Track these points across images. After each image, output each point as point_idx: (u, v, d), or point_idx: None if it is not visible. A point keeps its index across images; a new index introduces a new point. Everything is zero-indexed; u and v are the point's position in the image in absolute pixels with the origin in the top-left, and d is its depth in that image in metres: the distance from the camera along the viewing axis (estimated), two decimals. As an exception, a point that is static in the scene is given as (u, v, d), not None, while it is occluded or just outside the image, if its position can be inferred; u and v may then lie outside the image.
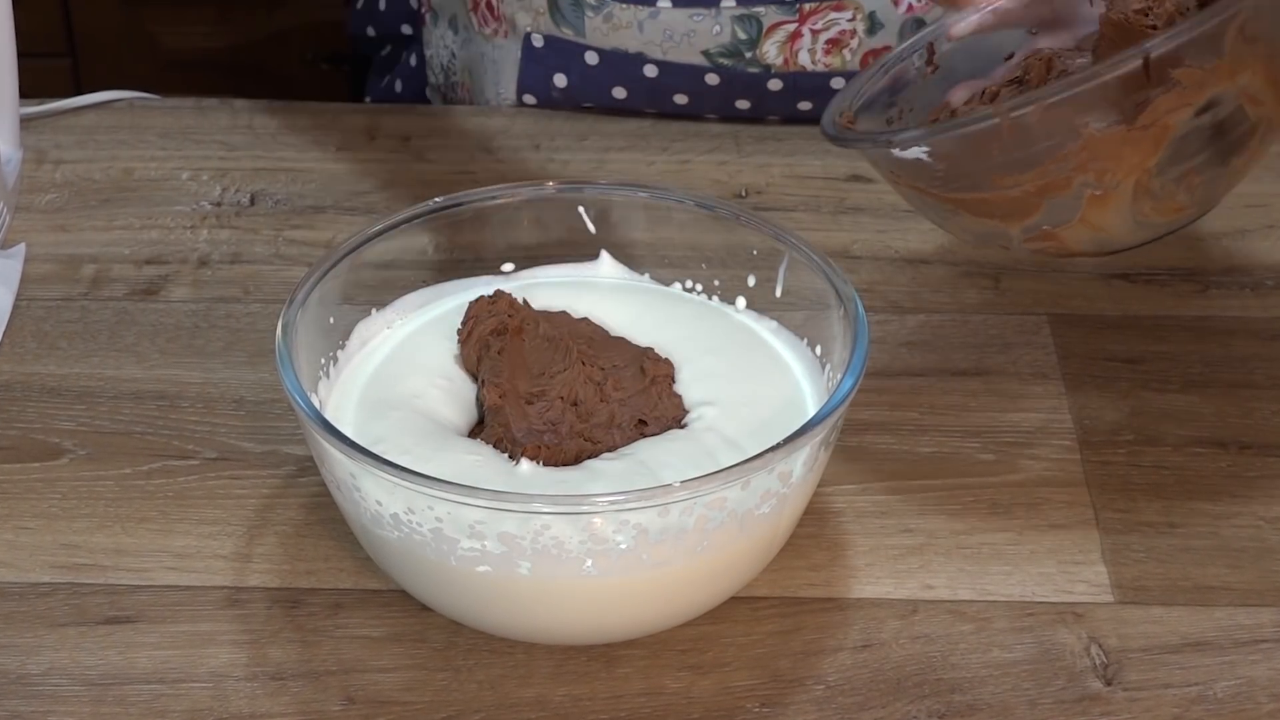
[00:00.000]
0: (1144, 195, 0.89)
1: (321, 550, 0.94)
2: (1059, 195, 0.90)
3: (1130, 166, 0.88)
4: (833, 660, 0.89)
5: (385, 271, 0.97)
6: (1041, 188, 0.90)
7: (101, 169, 1.23)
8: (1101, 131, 0.87)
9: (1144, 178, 0.89)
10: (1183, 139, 0.88)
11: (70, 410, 1.03)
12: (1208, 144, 0.89)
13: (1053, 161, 0.88)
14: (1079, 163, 0.88)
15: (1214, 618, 0.91)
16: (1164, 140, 0.87)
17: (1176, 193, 0.90)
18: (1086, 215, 0.90)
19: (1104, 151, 0.88)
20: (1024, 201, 0.90)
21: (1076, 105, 0.87)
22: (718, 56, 1.26)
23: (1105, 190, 0.89)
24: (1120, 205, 0.90)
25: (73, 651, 0.89)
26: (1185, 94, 0.86)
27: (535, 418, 0.89)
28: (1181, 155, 0.89)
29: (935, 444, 1.01)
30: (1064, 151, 0.88)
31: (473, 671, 0.88)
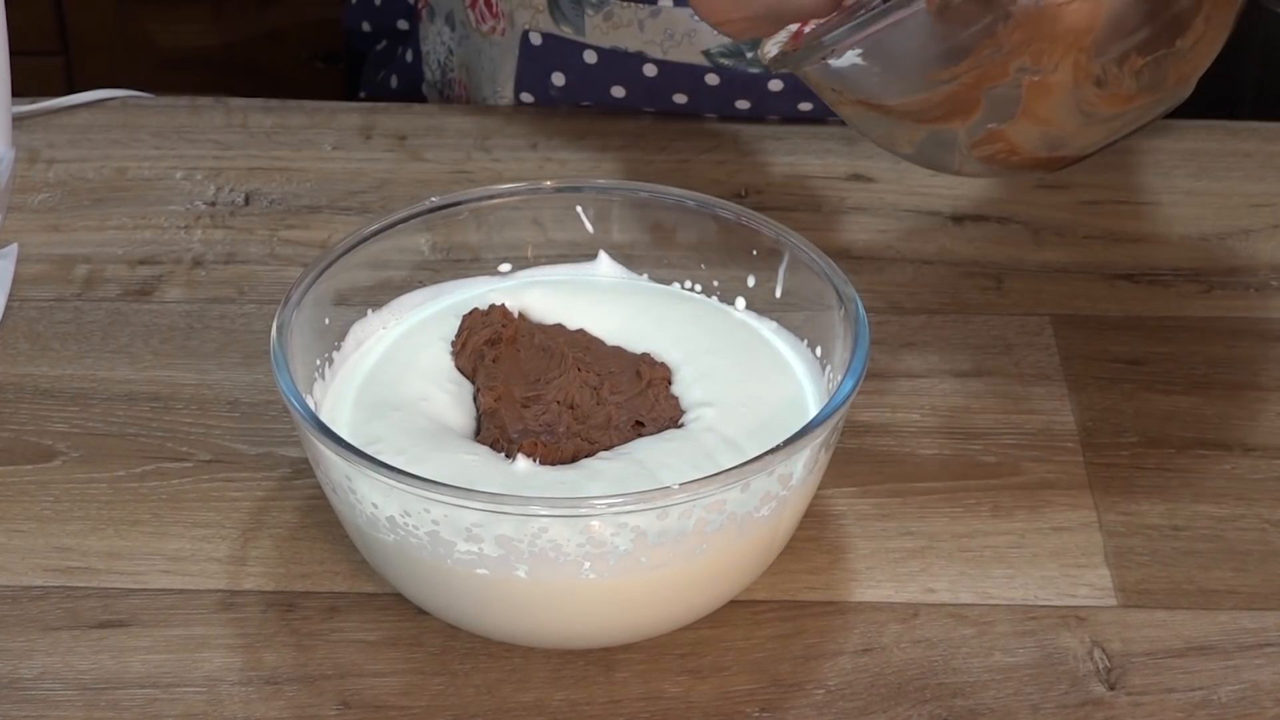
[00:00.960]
0: (1085, 80, 0.87)
1: (317, 553, 0.94)
2: (997, 84, 0.87)
3: (1066, 45, 0.86)
4: (833, 664, 0.89)
5: (381, 272, 0.97)
6: (978, 77, 0.87)
7: (94, 168, 1.23)
8: (1032, 7, 0.85)
9: (1082, 58, 0.86)
10: (1118, 11, 0.85)
11: (63, 412, 1.03)
12: (1146, 20, 0.86)
13: (985, 46, 0.86)
14: (1012, 44, 0.86)
15: (1218, 621, 0.91)
16: (1099, 13, 0.85)
17: (1121, 77, 0.88)
18: (1029, 106, 0.88)
19: (1037, 30, 0.85)
20: (963, 96, 0.88)
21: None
22: (718, 56, 1.26)
23: (1044, 74, 0.87)
24: (1062, 91, 0.87)
25: (65, 655, 0.89)
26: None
27: (531, 420, 0.90)
28: (1120, 30, 0.86)
29: (937, 446, 1.01)
30: (995, 33, 0.85)
31: (470, 675, 0.88)
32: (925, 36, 0.87)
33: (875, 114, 0.92)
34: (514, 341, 0.94)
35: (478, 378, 0.93)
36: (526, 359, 0.94)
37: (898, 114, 0.92)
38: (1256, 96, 1.75)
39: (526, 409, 0.90)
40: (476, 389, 0.92)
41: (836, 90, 0.93)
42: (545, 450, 0.88)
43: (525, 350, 0.94)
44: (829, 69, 0.91)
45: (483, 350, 0.94)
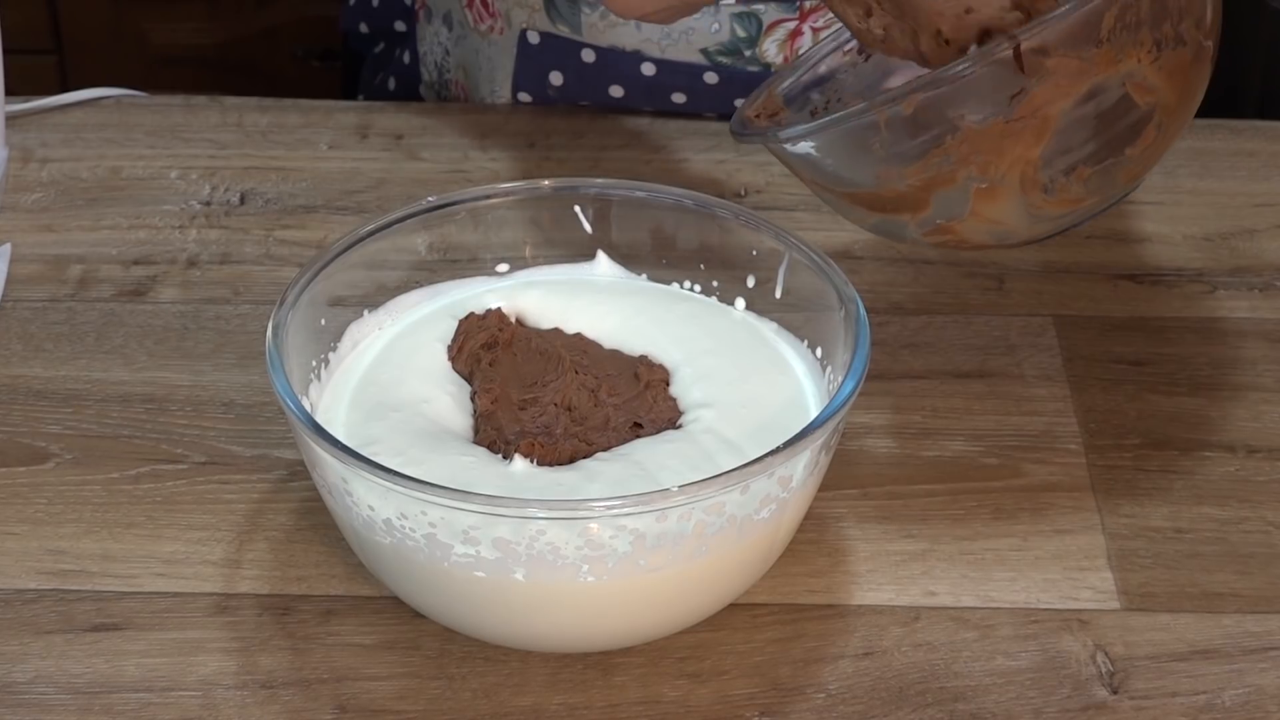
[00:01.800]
0: (1033, 188, 0.88)
1: (312, 556, 0.94)
2: (945, 189, 0.89)
3: (1013, 159, 0.87)
4: (834, 668, 0.89)
5: (378, 272, 0.97)
6: (927, 182, 0.89)
7: (88, 168, 1.23)
8: (979, 124, 0.86)
9: (1029, 170, 0.87)
10: (1066, 130, 0.86)
11: (56, 413, 1.03)
12: (1095, 134, 0.88)
13: (934, 155, 0.87)
14: (960, 156, 0.87)
15: (1222, 625, 0.91)
16: (1045, 132, 0.86)
17: (1069, 185, 0.89)
18: (977, 209, 0.89)
19: (984, 145, 0.87)
20: (913, 196, 0.90)
21: (950, 99, 0.86)
22: (716, 55, 1.26)
23: (991, 184, 0.88)
24: (1010, 198, 0.89)
25: (59, 659, 0.89)
26: (1062, 84, 0.85)
27: (529, 422, 0.90)
28: (1067, 146, 0.87)
29: (938, 448, 1.01)
30: (944, 145, 0.87)
31: (467, 680, 0.88)
32: (876, 141, 0.88)
33: (830, 195, 0.94)
34: (510, 345, 0.94)
35: (475, 380, 0.93)
36: (523, 362, 0.94)
37: (848, 198, 0.93)
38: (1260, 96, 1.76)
39: (523, 411, 0.90)
40: (474, 391, 0.92)
41: (793, 168, 0.94)
42: (543, 451, 0.88)
43: (522, 354, 0.94)
44: (786, 151, 0.93)
45: (479, 354, 0.94)
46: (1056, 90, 0.85)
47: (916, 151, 0.88)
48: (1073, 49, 0.84)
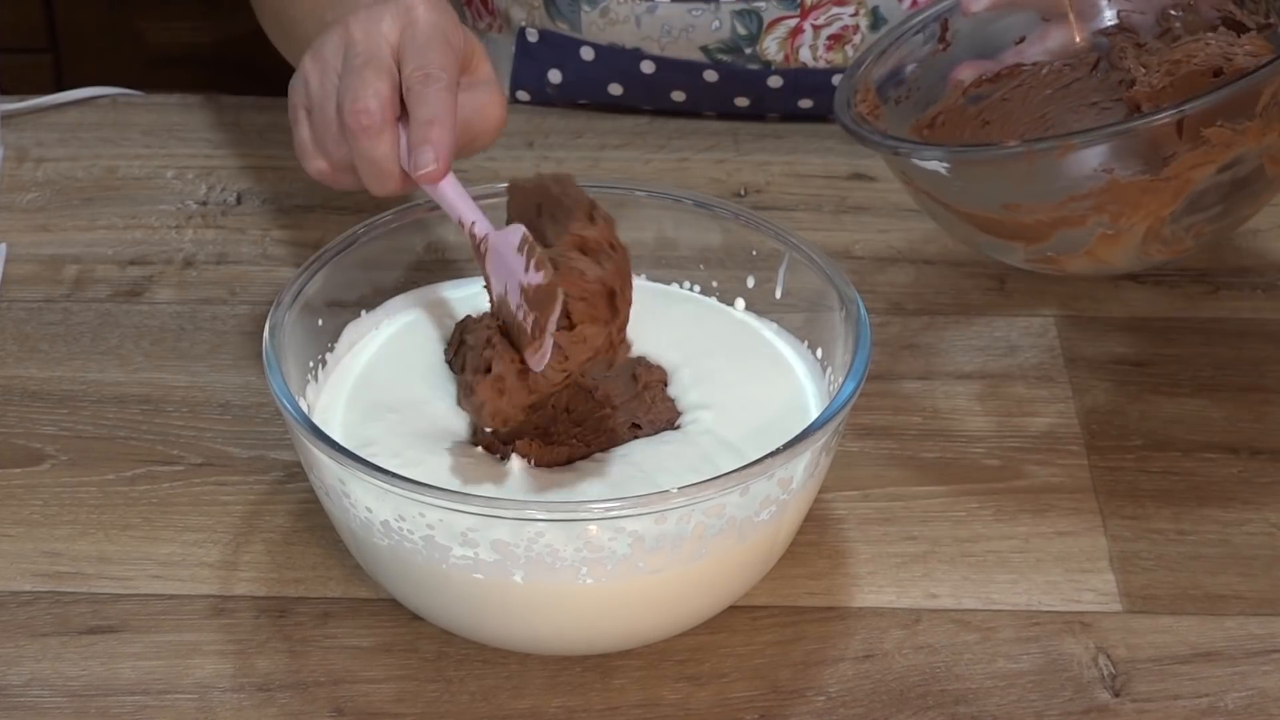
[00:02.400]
0: (1154, 239, 0.92)
1: (310, 558, 0.94)
2: (1072, 229, 0.92)
3: (1146, 213, 0.91)
4: (834, 671, 0.89)
5: (375, 272, 0.97)
6: (1056, 220, 0.92)
7: (84, 167, 1.23)
8: (1125, 178, 0.90)
9: (1157, 224, 0.91)
10: (1202, 193, 0.91)
11: (52, 415, 1.03)
12: (1224, 198, 0.92)
13: (1071, 199, 0.91)
14: (1097, 204, 0.91)
15: (1225, 627, 0.91)
16: (1184, 193, 0.90)
17: (1185, 239, 0.93)
18: (1094, 249, 0.93)
19: (1124, 197, 0.90)
20: (1036, 229, 0.93)
21: (1104, 151, 0.89)
22: (717, 52, 1.26)
23: (1118, 232, 0.92)
24: (1129, 245, 0.93)
25: (54, 662, 0.89)
26: (1212, 152, 0.89)
27: (526, 424, 0.89)
28: (1198, 207, 0.91)
29: (939, 449, 1.01)
30: (1084, 192, 0.90)
31: (465, 683, 0.88)
32: (1014, 176, 0.92)
33: (940, 208, 0.96)
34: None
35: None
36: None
37: (963, 216, 0.96)
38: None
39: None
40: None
41: (908, 177, 0.97)
42: (540, 452, 0.88)
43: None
44: (909, 164, 0.96)
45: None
46: (1205, 156, 0.89)
47: (1055, 192, 0.91)
48: (1229, 120, 0.88)
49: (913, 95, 1.04)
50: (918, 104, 1.03)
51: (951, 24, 1.05)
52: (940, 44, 1.05)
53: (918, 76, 1.04)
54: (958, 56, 1.05)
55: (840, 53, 1.26)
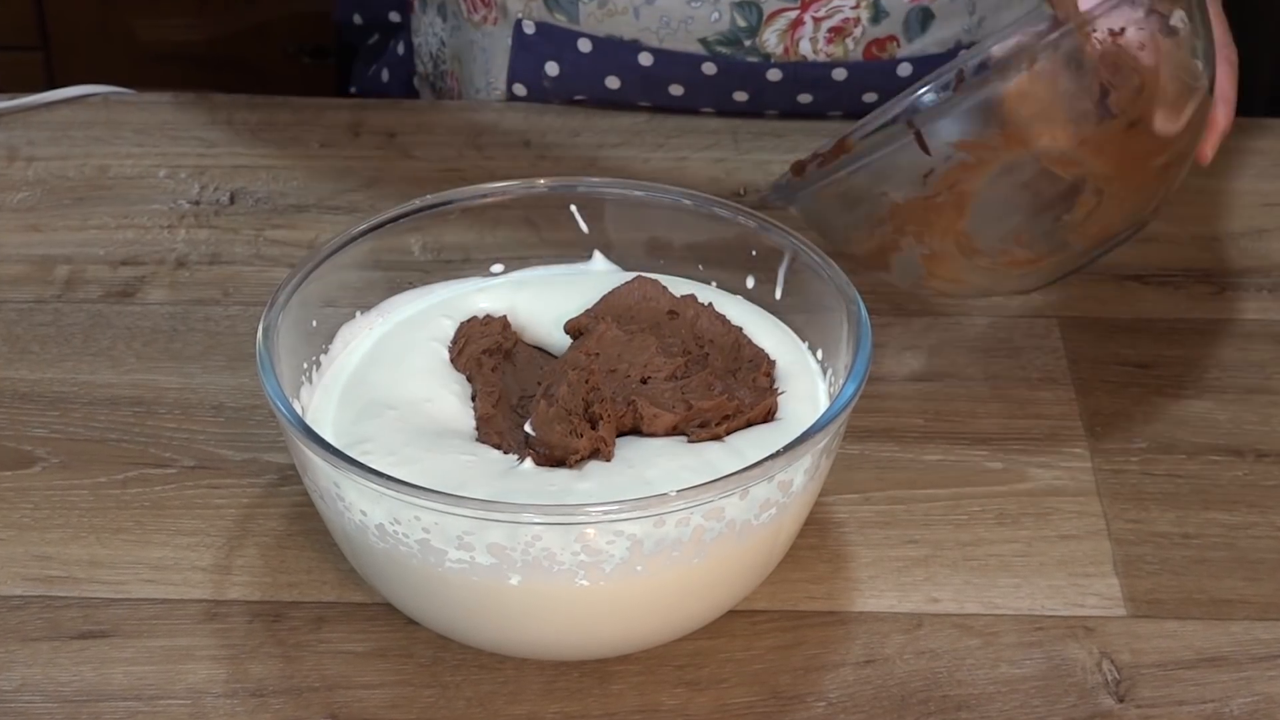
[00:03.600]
0: (974, 253, 0.93)
1: (304, 562, 0.94)
2: (898, 254, 0.95)
3: (942, 230, 0.92)
4: (834, 676, 0.89)
5: (370, 273, 0.97)
6: (879, 248, 0.95)
7: (75, 166, 1.23)
8: (903, 200, 0.91)
9: (962, 239, 0.92)
10: (987, 203, 0.91)
11: (43, 417, 1.03)
12: (1020, 206, 0.92)
13: (874, 225, 0.93)
14: (895, 226, 0.93)
15: (1230, 632, 0.91)
16: (965, 206, 0.91)
17: (1012, 249, 0.93)
18: (932, 270, 0.95)
19: (912, 218, 0.92)
20: (876, 258, 0.96)
21: (869, 178, 0.92)
22: (716, 45, 1.27)
23: (933, 251, 0.93)
24: (955, 263, 0.94)
25: (45, 667, 0.89)
26: (970, 165, 0.90)
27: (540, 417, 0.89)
28: (993, 216, 0.92)
29: (941, 452, 1.01)
30: (879, 215, 0.93)
31: (461, 688, 0.88)
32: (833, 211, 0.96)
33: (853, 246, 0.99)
34: (510, 355, 0.94)
35: (475, 383, 0.93)
36: (524, 370, 0.94)
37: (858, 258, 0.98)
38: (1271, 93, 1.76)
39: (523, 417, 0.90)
40: (473, 394, 0.92)
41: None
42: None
43: (524, 366, 0.94)
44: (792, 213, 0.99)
45: (480, 359, 0.94)
46: (964, 170, 0.90)
47: (860, 221, 0.94)
48: (973, 133, 0.89)
49: None
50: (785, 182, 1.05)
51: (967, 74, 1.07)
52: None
53: None
54: None
55: (841, 45, 1.26)
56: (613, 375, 0.90)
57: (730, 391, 0.90)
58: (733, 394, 0.90)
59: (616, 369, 0.91)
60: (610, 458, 0.87)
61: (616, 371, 0.91)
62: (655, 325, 0.94)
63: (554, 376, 0.90)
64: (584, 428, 0.87)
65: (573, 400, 0.88)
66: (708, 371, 0.91)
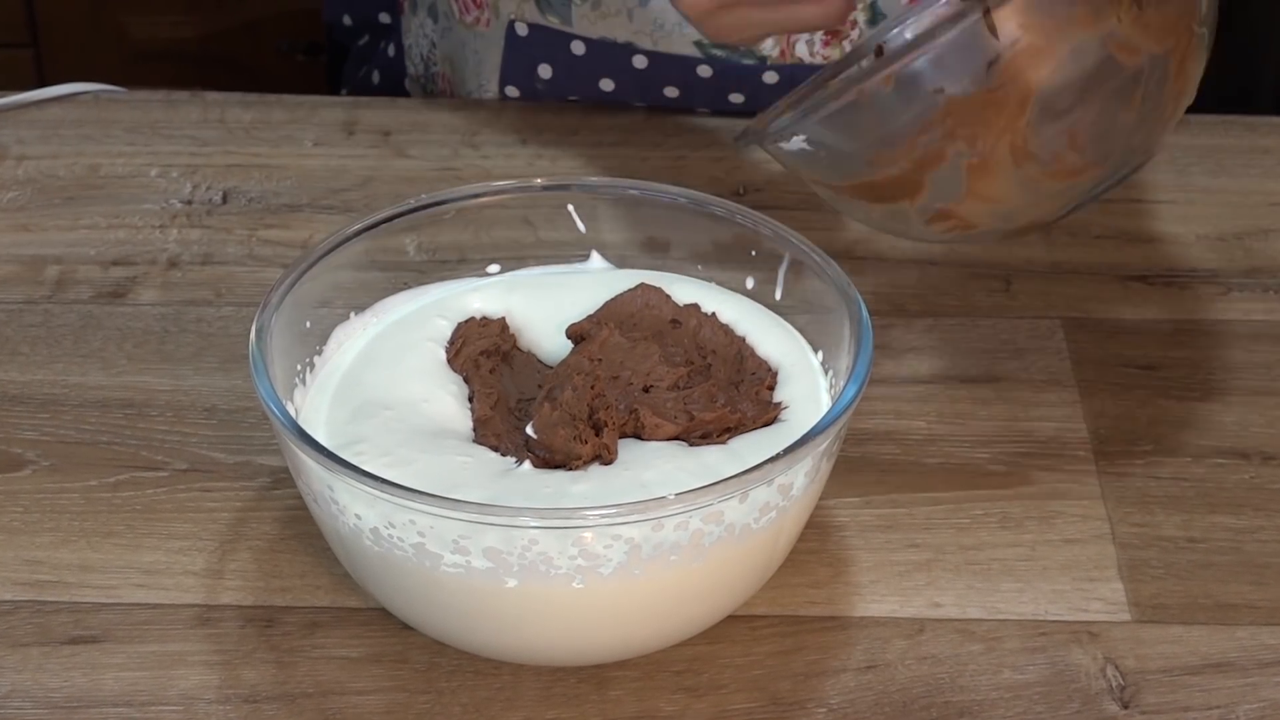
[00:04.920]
0: (1025, 158, 0.89)
1: (297, 566, 0.94)
2: (937, 168, 0.89)
3: (999, 130, 0.87)
4: (835, 682, 0.89)
5: (364, 273, 0.97)
6: (918, 162, 0.89)
7: (66, 165, 1.23)
8: (960, 95, 0.87)
9: (1018, 140, 0.88)
10: (1050, 96, 0.87)
11: (33, 419, 1.03)
12: (1081, 98, 0.88)
13: (920, 133, 0.88)
14: (946, 130, 0.88)
15: (1236, 637, 0.91)
16: (1028, 99, 0.87)
17: (1064, 154, 0.89)
18: (972, 186, 0.90)
19: (968, 117, 0.87)
20: (908, 180, 0.90)
21: (927, 70, 0.86)
22: (710, 48, 1.27)
23: (982, 158, 0.88)
24: (1003, 172, 0.89)
25: (35, 673, 0.89)
26: (1039, 47, 0.85)
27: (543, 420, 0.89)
28: (1054, 112, 0.87)
29: (943, 454, 1.01)
30: (927, 120, 0.88)
31: (456, 694, 0.88)
32: (862, 124, 0.89)
33: (831, 192, 0.94)
34: (509, 357, 0.95)
35: (472, 384, 0.93)
36: (522, 372, 0.94)
37: (849, 193, 0.93)
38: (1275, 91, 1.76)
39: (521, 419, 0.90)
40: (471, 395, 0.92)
41: (794, 170, 0.95)
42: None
43: (522, 369, 0.94)
44: (784, 151, 0.94)
45: (479, 360, 0.94)
46: (1033, 53, 0.86)
47: (903, 130, 0.88)
48: (1046, 11, 0.85)
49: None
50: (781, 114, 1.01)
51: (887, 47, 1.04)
52: None
53: None
54: None
55: (838, 48, 1.26)
56: (615, 382, 0.91)
57: (733, 404, 0.90)
58: (735, 406, 0.90)
59: (619, 376, 0.91)
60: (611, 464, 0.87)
61: (619, 379, 0.91)
62: (658, 333, 0.94)
63: (557, 380, 0.90)
64: (588, 433, 0.87)
65: (577, 405, 0.88)
66: (710, 383, 0.91)
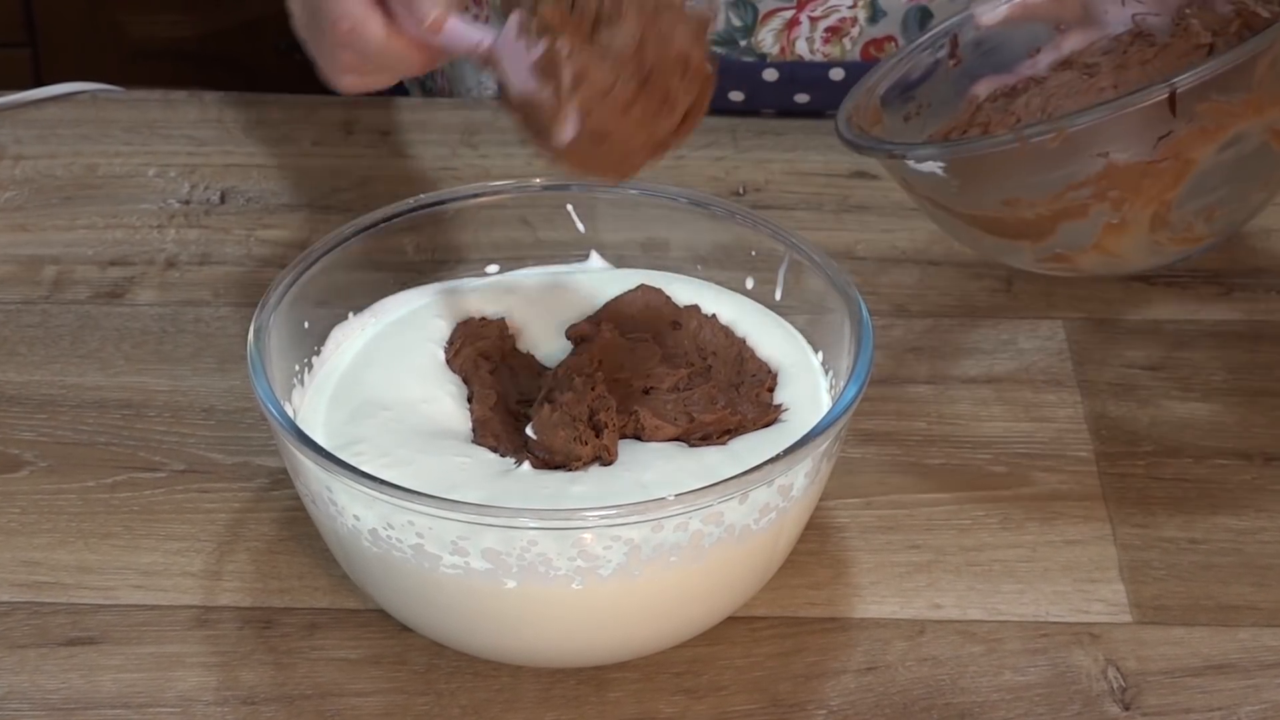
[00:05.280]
0: (1162, 226, 0.92)
1: (296, 567, 0.94)
2: (1075, 221, 0.92)
3: (1149, 198, 0.90)
4: (835, 684, 0.89)
5: (363, 274, 0.97)
6: (1057, 213, 0.92)
7: (63, 165, 1.23)
8: (1122, 162, 0.89)
9: (1162, 209, 0.91)
10: (1205, 174, 0.90)
11: (30, 420, 1.03)
12: (1229, 178, 0.91)
13: (1070, 188, 0.90)
14: (1097, 191, 0.90)
15: (1238, 639, 0.91)
16: (1185, 175, 0.89)
17: (1195, 224, 0.92)
18: (1102, 242, 0.92)
19: (1123, 182, 0.90)
20: (1039, 224, 0.92)
21: (1099, 135, 0.89)
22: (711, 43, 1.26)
23: (1123, 220, 0.91)
24: (1137, 234, 0.92)
25: (33, 674, 0.89)
26: (1209, 130, 0.88)
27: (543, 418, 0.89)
28: (1202, 189, 0.90)
29: (944, 455, 1.01)
30: (1082, 179, 0.90)
31: (456, 695, 0.88)
32: (1013, 169, 0.91)
33: (945, 214, 0.96)
34: (506, 358, 0.95)
35: (472, 385, 0.93)
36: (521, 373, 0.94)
37: (967, 221, 0.96)
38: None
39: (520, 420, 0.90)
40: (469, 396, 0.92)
41: (909, 183, 0.96)
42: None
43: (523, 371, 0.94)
44: (907, 168, 0.95)
45: (478, 361, 0.94)
46: (1203, 135, 0.88)
47: (1054, 183, 0.91)
48: (1224, 94, 0.87)
49: (924, 112, 1.04)
50: (930, 120, 1.03)
51: (962, 38, 1.05)
52: (951, 59, 1.05)
53: (930, 93, 1.04)
54: (972, 72, 1.05)
55: (838, 45, 1.26)
56: (615, 384, 0.91)
57: (733, 406, 0.90)
58: (735, 408, 0.90)
59: (619, 377, 0.91)
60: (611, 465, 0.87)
61: (619, 380, 0.91)
62: (658, 335, 0.94)
63: (556, 381, 0.90)
64: (589, 435, 0.87)
65: (578, 406, 0.88)
66: (710, 384, 0.91)
